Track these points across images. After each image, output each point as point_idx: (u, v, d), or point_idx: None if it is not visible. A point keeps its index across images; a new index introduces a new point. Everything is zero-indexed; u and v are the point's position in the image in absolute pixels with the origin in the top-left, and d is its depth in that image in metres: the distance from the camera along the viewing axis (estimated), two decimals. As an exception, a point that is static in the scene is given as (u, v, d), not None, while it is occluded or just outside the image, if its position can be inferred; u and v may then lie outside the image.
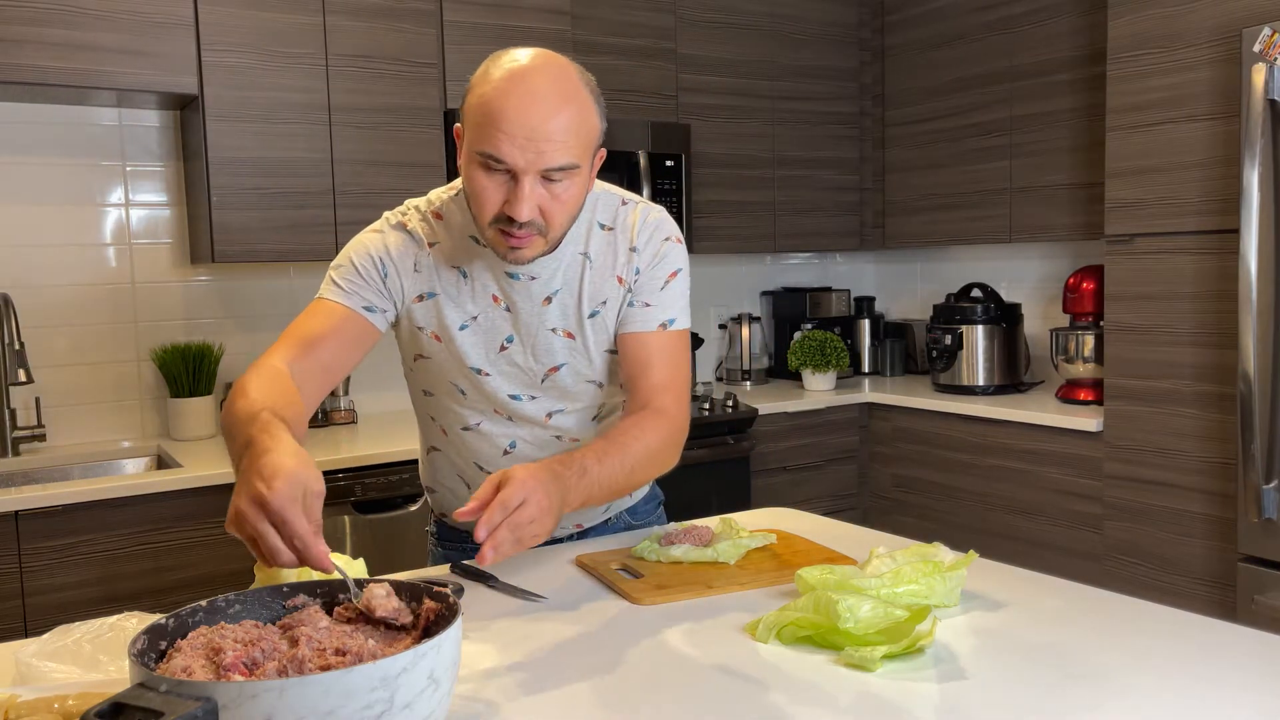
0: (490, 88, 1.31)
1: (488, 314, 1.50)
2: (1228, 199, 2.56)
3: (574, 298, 1.51)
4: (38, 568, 2.27)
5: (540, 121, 1.29)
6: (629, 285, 1.53)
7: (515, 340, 1.51)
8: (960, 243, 3.64)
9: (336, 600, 1.06)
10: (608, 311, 1.53)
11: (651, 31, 3.41)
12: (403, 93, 2.91)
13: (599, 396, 1.59)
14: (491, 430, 1.57)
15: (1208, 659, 1.13)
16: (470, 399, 1.55)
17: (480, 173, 1.33)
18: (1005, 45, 3.41)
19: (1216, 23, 2.57)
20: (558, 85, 1.32)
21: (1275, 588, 2.45)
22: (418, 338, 1.53)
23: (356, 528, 2.62)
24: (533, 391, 1.54)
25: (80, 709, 0.97)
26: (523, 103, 1.29)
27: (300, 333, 1.43)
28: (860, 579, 1.27)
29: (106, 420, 2.91)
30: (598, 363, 1.55)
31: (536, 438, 1.57)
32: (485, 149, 1.30)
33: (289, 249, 2.79)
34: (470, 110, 1.34)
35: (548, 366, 1.53)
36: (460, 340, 1.50)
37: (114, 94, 2.66)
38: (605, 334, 1.54)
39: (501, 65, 1.33)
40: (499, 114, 1.29)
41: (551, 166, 1.31)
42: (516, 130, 1.29)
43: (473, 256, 1.48)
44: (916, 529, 3.45)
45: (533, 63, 1.33)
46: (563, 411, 1.57)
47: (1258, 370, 2.42)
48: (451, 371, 1.53)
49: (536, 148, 1.30)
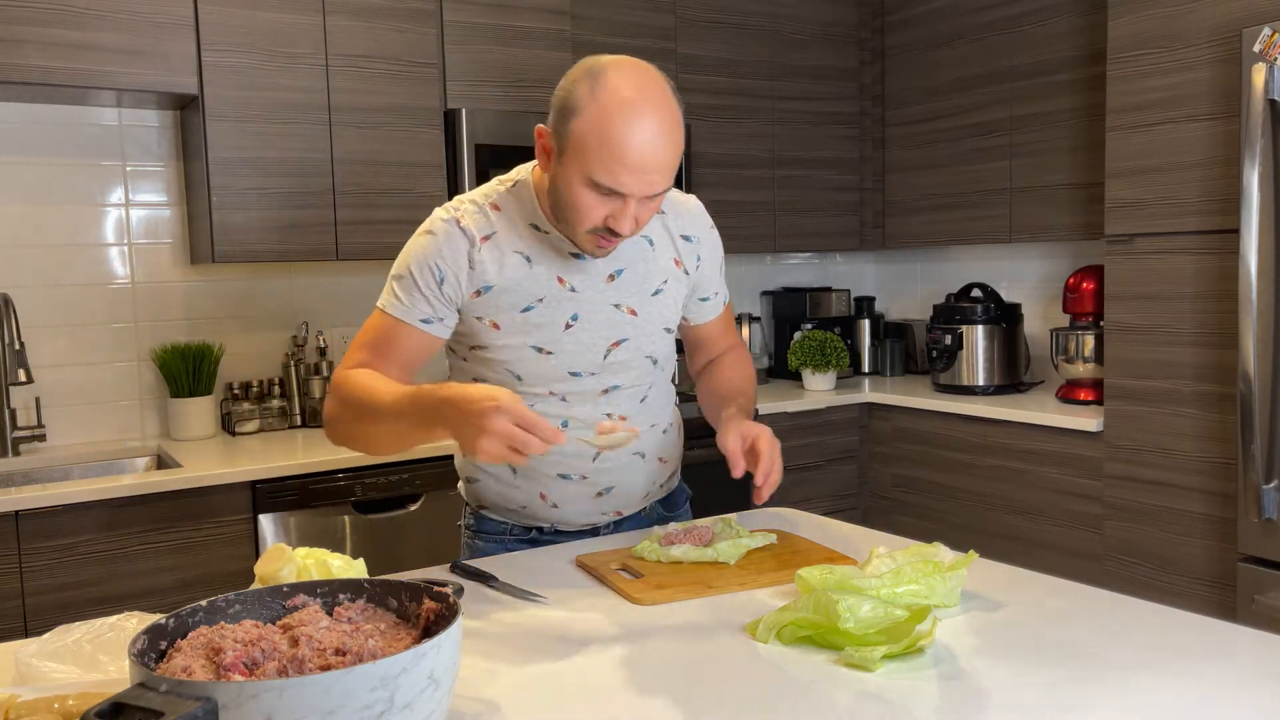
0: (608, 122, 1.38)
1: (553, 295, 1.57)
2: (1228, 199, 2.56)
3: (637, 277, 1.62)
4: (38, 568, 2.27)
5: (655, 158, 1.39)
6: (686, 269, 1.68)
7: (580, 318, 1.58)
8: (960, 243, 3.64)
9: (337, 600, 1.06)
10: (668, 290, 1.65)
11: (651, 31, 3.41)
12: (403, 93, 2.92)
13: (651, 373, 1.68)
14: (545, 411, 1.60)
15: (1208, 659, 1.13)
16: (527, 382, 1.60)
17: (588, 192, 1.42)
18: (1005, 45, 3.41)
19: (1216, 23, 2.57)
20: (668, 116, 1.41)
21: (1275, 588, 2.45)
22: (476, 328, 1.58)
23: (356, 528, 2.62)
24: (593, 368, 1.61)
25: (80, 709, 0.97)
26: (642, 142, 1.38)
27: (369, 348, 1.56)
28: (860, 579, 1.27)
29: (106, 420, 2.91)
30: (656, 339, 1.66)
31: (588, 416, 1.63)
32: (603, 180, 1.40)
33: (289, 249, 2.79)
34: (581, 136, 1.40)
35: (610, 341, 1.61)
36: (525, 322, 1.57)
37: (114, 94, 2.66)
38: (665, 311, 1.66)
39: (613, 93, 1.39)
40: (620, 152, 1.38)
41: (658, 193, 1.44)
42: (635, 166, 1.38)
43: (535, 242, 1.57)
44: (916, 529, 3.45)
45: (644, 94, 1.39)
46: (618, 388, 1.64)
47: (1258, 370, 2.42)
48: (508, 358, 1.58)
49: (650, 180, 1.41)
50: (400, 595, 1.05)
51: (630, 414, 1.66)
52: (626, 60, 1.43)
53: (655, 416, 1.71)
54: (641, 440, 1.68)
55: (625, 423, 1.63)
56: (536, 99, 3.12)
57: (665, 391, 1.75)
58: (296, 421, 3.05)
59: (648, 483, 1.73)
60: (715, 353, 1.83)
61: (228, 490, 2.45)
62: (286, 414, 3.04)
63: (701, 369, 1.86)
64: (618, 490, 1.69)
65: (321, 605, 1.04)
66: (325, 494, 2.57)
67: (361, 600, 1.06)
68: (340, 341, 3.21)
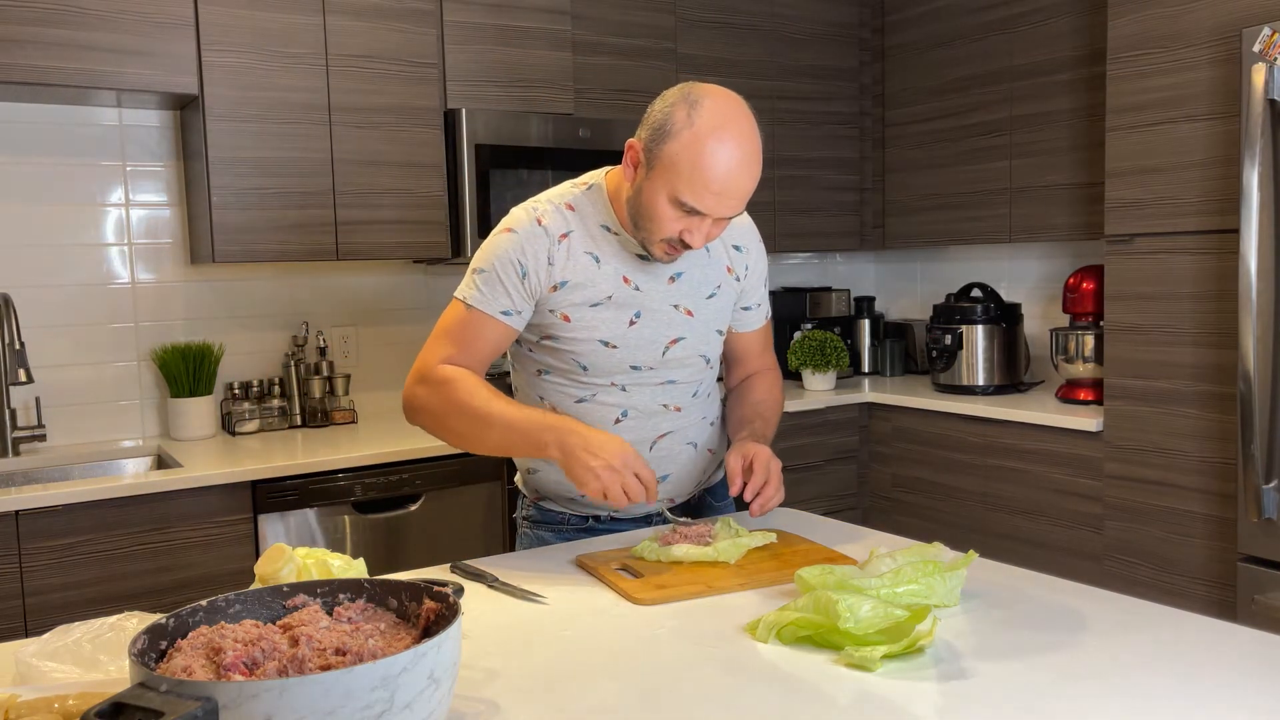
0: (701, 150, 1.49)
1: (620, 293, 1.67)
2: (1228, 199, 2.56)
3: (694, 280, 1.73)
4: (38, 568, 2.27)
5: (738, 186, 1.52)
6: (738, 277, 1.79)
7: (642, 316, 1.68)
8: (960, 243, 3.64)
9: (337, 600, 1.06)
10: (722, 294, 1.77)
11: (651, 31, 3.41)
12: (403, 93, 2.91)
13: (704, 371, 1.78)
14: (606, 400, 1.71)
15: (1208, 659, 1.13)
16: (591, 373, 1.70)
17: (671, 208, 1.54)
18: (1005, 45, 3.41)
19: (1216, 23, 2.57)
20: (754, 147, 1.53)
21: (1275, 588, 2.45)
22: (547, 320, 1.68)
23: (356, 528, 2.62)
24: (653, 363, 1.71)
25: (80, 709, 0.97)
26: (729, 171, 1.50)
27: (451, 340, 1.66)
28: (860, 579, 1.27)
29: (106, 420, 2.91)
30: (710, 339, 1.76)
31: (646, 407, 1.73)
32: (689, 201, 1.52)
33: (289, 249, 2.79)
34: (673, 156, 1.51)
35: (669, 339, 1.71)
36: (593, 317, 1.66)
37: (114, 94, 2.66)
38: (719, 314, 1.77)
39: (707, 120, 1.50)
40: (709, 177, 1.49)
41: (733, 215, 1.57)
42: (720, 191, 1.51)
43: (604, 243, 1.67)
44: (916, 529, 3.45)
45: (735, 126, 1.51)
46: (674, 383, 1.74)
47: (1258, 370, 2.42)
48: (577, 350, 1.68)
49: (729, 204, 1.53)
50: (400, 595, 1.05)
51: (684, 406, 1.76)
52: (721, 91, 1.54)
53: (705, 410, 1.82)
54: (694, 430, 1.80)
55: (679, 413, 1.76)
56: (536, 99, 3.12)
57: (714, 389, 1.86)
58: (296, 421, 3.05)
59: (699, 471, 1.84)
60: (751, 369, 1.92)
61: (228, 490, 2.45)
62: (286, 414, 3.04)
63: (735, 385, 1.94)
64: (673, 478, 1.78)
65: (321, 605, 1.04)
66: (325, 494, 2.57)
67: (361, 600, 1.06)
68: (340, 342, 3.21)
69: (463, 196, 2.97)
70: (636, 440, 1.72)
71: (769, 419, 1.83)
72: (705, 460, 1.84)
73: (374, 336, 3.28)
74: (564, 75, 3.19)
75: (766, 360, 1.93)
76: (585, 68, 3.26)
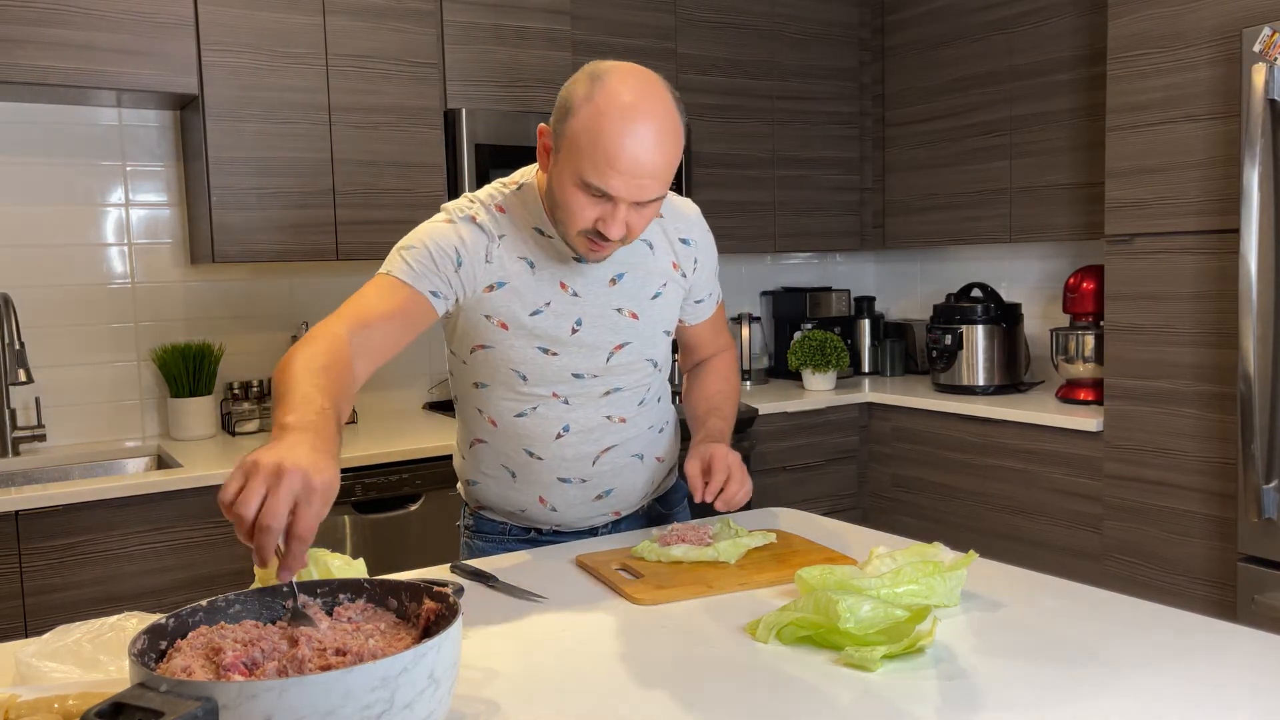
0: (603, 122, 1.37)
1: (558, 300, 1.57)
2: (1228, 199, 2.56)
3: (637, 281, 1.62)
4: (38, 568, 2.27)
5: (648, 162, 1.38)
6: (684, 272, 1.68)
7: (584, 323, 1.59)
8: (960, 243, 3.64)
9: (337, 600, 1.06)
10: (668, 293, 1.66)
11: (651, 31, 3.41)
12: (403, 93, 2.91)
13: (650, 375, 1.69)
14: (546, 414, 1.62)
15: (1208, 659, 1.13)
16: (531, 383, 1.60)
17: (579, 193, 1.41)
18: (1005, 45, 3.41)
19: (1216, 23, 2.57)
20: (664, 123, 1.39)
21: (1275, 588, 2.45)
22: (482, 327, 1.57)
23: (356, 528, 2.62)
24: (596, 370, 1.62)
25: (80, 709, 0.97)
26: (635, 145, 1.36)
27: (362, 307, 1.46)
28: (860, 579, 1.27)
29: (106, 420, 2.91)
30: (657, 341, 1.67)
31: (588, 420, 1.64)
32: (594, 182, 1.39)
33: (289, 249, 2.79)
34: (575, 135, 1.39)
35: (613, 344, 1.62)
36: (532, 325, 1.56)
37: (114, 94, 2.66)
38: (665, 314, 1.67)
39: (610, 95, 1.38)
40: (613, 154, 1.36)
41: (650, 198, 1.42)
42: (626, 170, 1.37)
43: (537, 247, 1.56)
44: (916, 529, 3.45)
45: (642, 98, 1.38)
46: (619, 390, 1.65)
47: (1258, 370, 2.42)
48: (514, 358, 1.58)
49: (640, 185, 1.39)
50: (400, 595, 1.05)
51: (629, 416, 1.67)
52: (629, 66, 1.43)
53: (653, 418, 1.73)
54: (639, 441, 1.70)
55: (624, 424, 1.66)
56: (536, 99, 3.12)
57: (663, 392, 1.76)
58: (296, 421, 3.05)
59: (646, 483, 1.75)
60: (706, 354, 1.85)
61: (228, 490, 2.45)
62: (286, 414, 3.04)
63: (691, 368, 1.88)
64: (617, 492, 1.71)
65: (321, 605, 1.04)
66: (325, 494, 2.57)
67: (361, 600, 1.06)
68: (340, 341, 3.21)
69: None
70: (579, 455, 1.64)
71: (725, 412, 1.75)
72: (653, 470, 1.75)
73: (374, 336, 3.28)
74: (564, 75, 3.19)
75: (721, 342, 1.85)
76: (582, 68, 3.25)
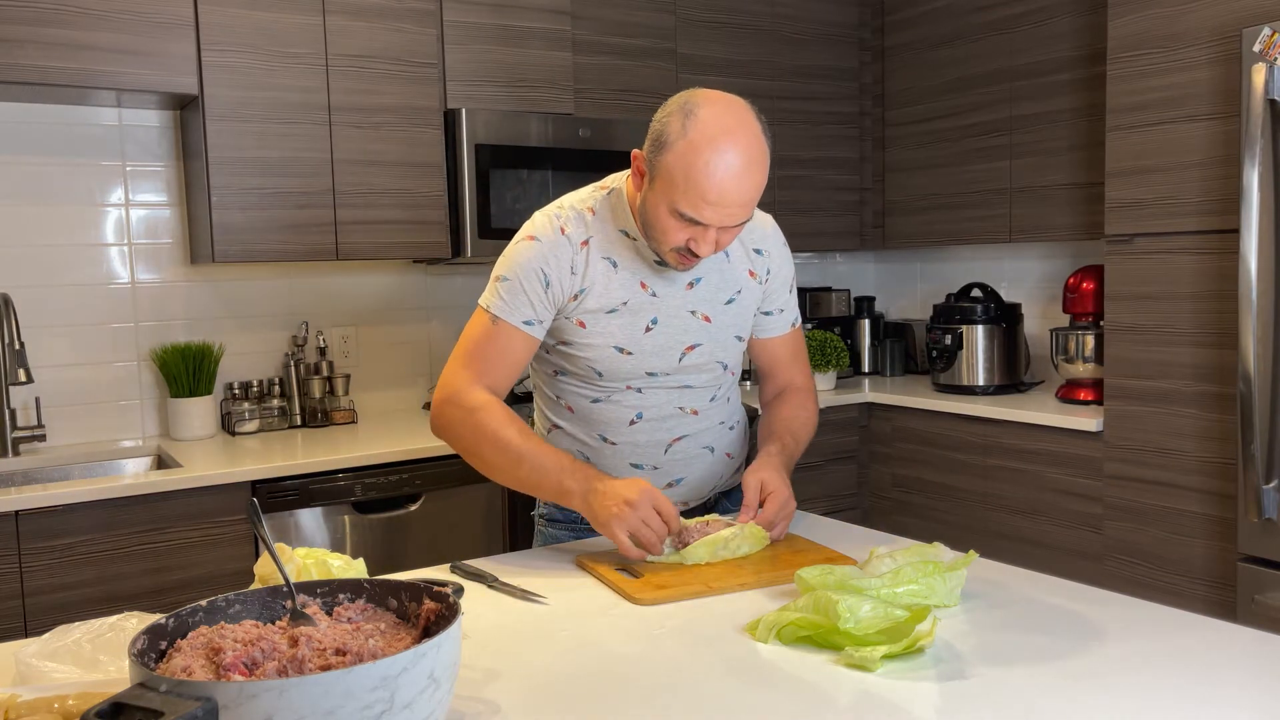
0: (695, 159, 1.47)
1: (637, 299, 1.66)
2: (1228, 199, 2.56)
3: (713, 286, 1.71)
4: (38, 568, 2.27)
5: (737, 194, 1.49)
6: (760, 280, 1.76)
7: (659, 322, 1.67)
8: (960, 243, 3.64)
9: (337, 600, 1.06)
10: (742, 300, 1.74)
11: (651, 31, 3.41)
12: (403, 93, 2.91)
13: (722, 377, 1.77)
14: (621, 401, 1.71)
15: (1208, 659, 1.13)
16: (606, 377, 1.69)
17: (672, 219, 1.53)
18: (1005, 45, 3.41)
19: (1216, 23, 2.57)
20: (754, 155, 1.49)
21: (1275, 588, 2.45)
22: (564, 327, 1.68)
23: (356, 528, 2.62)
24: (669, 369, 1.70)
25: (80, 709, 0.97)
26: (725, 178, 1.47)
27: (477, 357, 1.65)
28: (860, 579, 1.27)
29: (106, 420, 2.91)
30: (728, 345, 1.74)
31: (661, 409, 1.73)
32: (686, 211, 1.50)
33: (289, 249, 2.79)
34: (669, 168, 1.50)
35: (685, 345, 1.70)
36: (608, 323, 1.66)
37: (114, 94, 2.66)
38: (738, 320, 1.74)
39: (702, 131, 1.47)
40: (704, 189, 1.47)
41: (737, 224, 1.54)
42: (716, 201, 1.48)
43: (623, 248, 1.66)
44: (916, 529, 3.45)
45: (731, 134, 1.47)
46: (690, 388, 1.73)
47: (1258, 370, 2.41)
48: (591, 355, 1.67)
49: (729, 213, 1.50)
50: (400, 595, 1.05)
51: (701, 409, 1.76)
52: (721, 97, 1.51)
53: (724, 414, 1.81)
54: (711, 434, 1.79)
55: (696, 416, 1.75)
56: (536, 99, 3.12)
57: (733, 393, 1.84)
58: (296, 421, 3.05)
59: (714, 476, 1.82)
60: (784, 380, 1.87)
61: (228, 490, 2.45)
62: (286, 414, 3.04)
63: (770, 400, 1.88)
64: (687, 481, 1.78)
65: (321, 605, 1.04)
66: (325, 494, 2.57)
67: (361, 600, 1.06)
68: (340, 342, 3.21)
69: (462, 196, 2.97)
70: (651, 442, 1.73)
71: (799, 436, 1.78)
72: (722, 464, 1.82)
73: (374, 336, 3.28)
74: (564, 75, 3.19)
75: (797, 373, 1.87)
76: (585, 68, 3.26)
